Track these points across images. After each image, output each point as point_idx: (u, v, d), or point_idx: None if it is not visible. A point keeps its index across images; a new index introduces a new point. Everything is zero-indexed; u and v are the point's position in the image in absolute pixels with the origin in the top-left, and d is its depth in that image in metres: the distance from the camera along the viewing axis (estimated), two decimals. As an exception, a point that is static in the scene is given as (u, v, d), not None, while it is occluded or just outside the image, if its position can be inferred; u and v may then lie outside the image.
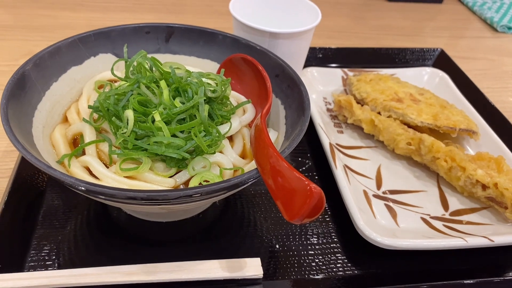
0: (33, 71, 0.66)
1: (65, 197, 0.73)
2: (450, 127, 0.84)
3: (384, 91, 0.92)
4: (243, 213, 0.75)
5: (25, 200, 0.71)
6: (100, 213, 0.72)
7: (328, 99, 1.01)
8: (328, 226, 0.74)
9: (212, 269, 0.62)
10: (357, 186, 0.79)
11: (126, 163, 0.60)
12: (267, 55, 0.76)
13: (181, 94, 0.63)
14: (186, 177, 0.61)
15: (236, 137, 0.69)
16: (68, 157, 0.61)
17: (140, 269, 0.61)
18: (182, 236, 0.71)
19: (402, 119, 0.87)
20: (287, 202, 0.49)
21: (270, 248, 0.70)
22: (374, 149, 0.89)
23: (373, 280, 0.67)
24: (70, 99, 0.73)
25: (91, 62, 0.76)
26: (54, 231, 0.68)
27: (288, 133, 0.67)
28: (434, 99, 0.94)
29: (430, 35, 1.45)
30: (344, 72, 1.06)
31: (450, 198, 0.80)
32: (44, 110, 0.67)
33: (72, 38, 0.73)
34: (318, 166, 0.86)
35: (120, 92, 0.64)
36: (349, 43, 1.29)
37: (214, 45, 0.81)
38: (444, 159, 0.78)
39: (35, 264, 0.63)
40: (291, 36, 0.84)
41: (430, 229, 0.73)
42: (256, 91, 0.75)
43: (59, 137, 0.65)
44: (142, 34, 0.79)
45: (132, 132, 0.59)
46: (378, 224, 0.72)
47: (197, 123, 0.60)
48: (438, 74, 1.08)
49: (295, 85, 0.71)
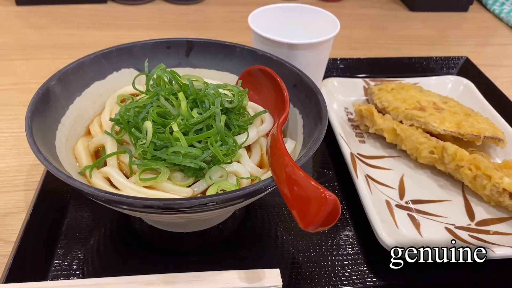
0: (57, 86, 0.69)
1: (88, 209, 0.74)
2: (475, 134, 0.82)
3: (406, 100, 0.91)
4: (263, 224, 0.75)
5: (50, 211, 0.73)
6: (122, 224, 0.73)
7: (350, 109, 1.00)
8: (350, 237, 0.73)
9: (230, 279, 0.62)
10: (379, 196, 0.78)
11: (146, 173, 0.61)
12: (284, 66, 0.76)
13: (198, 105, 0.64)
14: (204, 187, 0.61)
15: (254, 147, 0.70)
16: (89, 168, 0.62)
17: (159, 279, 0.61)
18: (202, 247, 0.71)
19: (424, 127, 0.85)
20: (302, 210, 0.49)
21: (290, 259, 0.70)
22: (397, 158, 0.88)
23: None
24: (93, 113, 0.75)
25: (113, 77, 0.78)
26: (77, 242, 0.69)
27: (306, 142, 0.67)
28: (458, 107, 0.92)
29: (454, 43, 1.42)
30: (366, 82, 1.05)
31: (476, 207, 0.78)
32: (68, 124, 0.69)
33: (95, 54, 0.76)
34: (340, 177, 0.85)
35: (140, 104, 0.65)
36: (371, 53, 1.28)
37: (233, 58, 0.82)
38: (468, 167, 0.76)
39: (58, 274, 0.64)
40: (309, 47, 0.84)
41: (455, 240, 0.71)
42: (274, 101, 0.75)
43: (81, 149, 0.66)
44: (163, 49, 0.81)
45: (151, 143, 0.60)
46: (400, 234, 0.71)
47: (213, 132, 0.60)
48: (462, 82, 1.06)
49: (313, 95, 0.70)
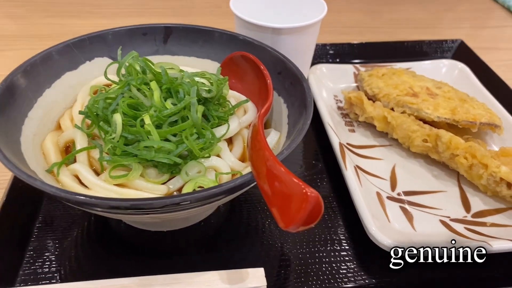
0: (23, 78, 0.64)
1: (63, 208, 0.70)
2: (470, 121, 0.78)
3: (397, 86, 0.87)
4: (248, 220, 0.71)
5: (20, 211, 0.69)
6: (98, 224, 0.69)
7: (339, 97, 0.96)
8: (339, 233, 0.69)
9: (211, 281, 0.58)
10: (369, 188, 0.74)
11: (117, 170, 0.57)
12: (268, 51, 0.72)
13: (173, 95, 0.60)
14: (180, 183, 0.57)
15: (236, 139, 0.65)
16: (57, 165, 0.58)
17: (134, 282, 0.57)
18: (183, 246, 0.67)
19: (417, 114, 0.81)
20: (282, 208, 0.45)
21: (275, 257, 0.66)
22: (388, 147, 0.84)
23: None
24: (64, 106, 0.70)
25: (86, 67, 0.73)
26: (49, 243, 0.65)
27: (290, 133, 0.63)
28: (452, 92, 0.88)
29: (449, 26, 1.38)
30: (356, 68, 1.01)
31: (472, 198, 0.74)
32: (36, 118, 0.64)
33: (66, 43, 0.71)
34: (330, 169, 0.81)
35: (110, 96, 0.61)
36: (362, 38, 1.23)
37: (213, 44, 0.77)
38: (464, 156, 0.72)
39: (27, 278, 0.60)
40: (295, 31, 0.80)
41: (450, 233, 0.67)
42: (258, 90, 0.71)
43: (50, 145, 0.62)
44: (139, 36, 0.77)
45: (122, 137, 0.56)
46: (392, 228, 0.67)
47: (188, 125, 0.56)
48: (457, 66, 1.02)
49: (298, 82, 0.66)
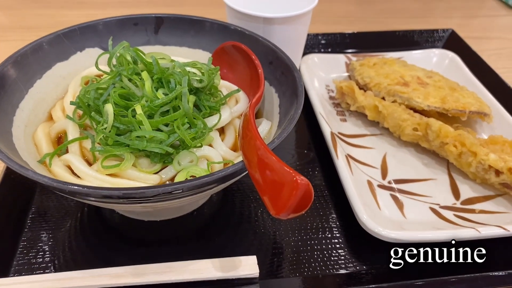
0: (14, 69, 0.64)
1: (56, 198, 0.70)
2: (459, 110, 0.79)
3: (388, 75, 0.87)
4: (241, 208, 0.72)
5: (13, 201, 0.69)
6: (91, 214, 0.70)
7: (331, 86, 0.96)
8: (331, 220, 0.70)
9: (204, 269, 0.59)
10: (360, 176, 0.75)
11: (109, 160, 0.57)
12: (259, 41, 0.72)
13: (164, 85, 0.60)
14: (172, 173, 0.58)
15: (228, 129, 0.66)
16: (49, 156, 0.58)
17: (128, 271, 0.58)
18: (176, 235, 0.68)
19: (407, 103, 0.82)
20: (273, 196, 0.45)
21: (267, 245, 0.66)
22: (379, 136, 0.84)
23: (378, 277, 0.62)
24: (55, 97, 0.70)
25: (77, 57, 0.73)
26: (43, 233, 0.65)
27: (281, 122, 0.63)
28: (443, 81, 0.88)
29: (440, 16, 1.38)
30: (348, 57, 1.01)
31: (462, 185, 0.75)
32: (27, 109, 0.64)
33: (56, 33, 0.71)
34: (321, 158, 0.81)
35: (102, 86, 0.61)
36: (353, 28, 1.23)
37: (205, 34, 0.77)
38: (453, 144, 0.73)
39: (21, 268, 0.60)
40: (286, 21, 0.80)
41: (440, 220, 0.68)
42: (249, 79, 0.71)
43: (41, 136, 0.62)
44: (130, 26, 0.77)
45: (113, 127, 0.56)
46: (383, 216, 0.68)
47: (180, 115, 0.56)
48: (447, 55, 1.02)
49: (289, 72, 0.66)
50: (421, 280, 0.61)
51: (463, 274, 0.62)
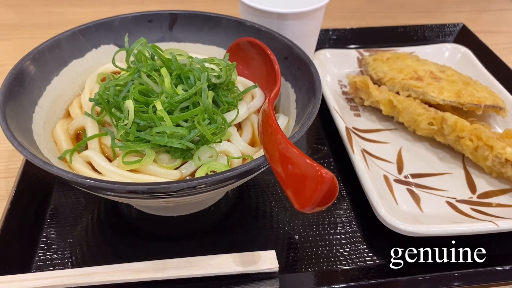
0: (32, 66, 0.64)
1: (73, 195, 0.71)
2: (475, 104, 0.79)
3: (402, 70, 0.87)
4: (257, 204, 0.72)
5: (32, 199, 0.69)
6: (109, 209, 0.70)
7: (343, 81, 0.96)
8: (347, 215, 0.70)
9: (224, 263, 0.59)
10: (376, 171, 0.75)
11: (129, 156, 0.57)
12: (274, 37, 0.72)
13: (183, 81, 0.60)
14: (192, 168, 0.58)
15: (245, 124, 0.66)
16: (69, 152, 0.58)
17: (149, 266, 0.58)
18: (194, 230, 0.68)
19: (422, 98, 0.81)
20: (297, 190, 0.46)
21: (286, 240, 0.67)
22: (394, 131, 0.84)
23: (396, 270, 0.63)
24: (72, 94, 0.70)
25: (93, 54, 0.74)
26: (62, 230, 0.66)
27: (299, 117, 0.63)
28: (456, 76, 0.88)
29: (449, 10, 1.37)
30: (359, 52, 1.01)
31: (478, 179, 0.75)
32: (45, 106, 0.65)
33: (72, 30, 0.71)
34: (335, 153, 0.82)
35: (121, 82, 0.61)
36: (363, 23, 1.23)
37: (219, 30, 0.77)
38: (469, 138, 0.73)
39: (43, 264, 0.61)
40: (300, 16, 0.80)
41: (457, 214, 0.69)
42: (265, 75, 0.71)
43: (60, 133, 0.62)
44: (145, 23, 0.77)
45: (134, 123, 0.56)
46: (400, 210, 0.68)
47: (200, 110, 0.56)
48: (459, 50, 1.02)
49: (305, 67, 0.67)
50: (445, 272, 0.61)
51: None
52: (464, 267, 0.63)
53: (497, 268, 0.62)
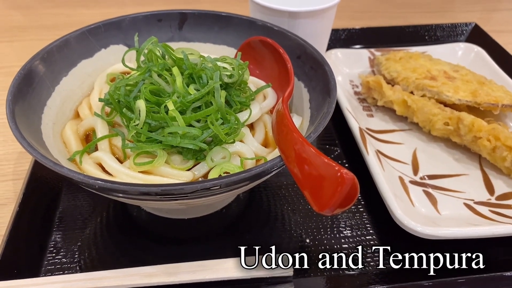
0: (41, 66, 0.63)
1: (82, 197, 0.70)
2: (492, 103, 0.77)
3: (415, 69, 0.85)
4: (269, 206, 0.70)
5: (40, 201, 0.68)
6: (119, 212, 0.69)
7: (355, 81, 0.95)
8: (362, 217, 0.69)
9: (237, 267, 0.58)
10: (392, 172, 0.73)
11: (141, 157, 0.56)
12: (286, 36, 0.70)
13: (195, 80, 0.59)
14: (205, 170, 0.56)
15: (257, 125, 0.64)
16: (79, 153, 0.57)
17: (160, 270, 0.57)
18: (205, 233, 0.67)
19: (437, 97, 0.80)
20: (315, 191, 0.44)
21: (300, 243, 0.65)
22: (408, 132, 0.83)
23: (414, 273, 0.61)
24: (81, 94, 0.69)
25: (102, 54, 0.72)
26: (71, 233, 0.64)
27: (313, 117, 0.62)
28: (470, 75, 0.87)
29: (461, 10, 1.36)
30: (371, 52, 1.00)
31: (495, 181, 0.73)
32: (54, 106, 0.64)
33: (81, 30, 0.70)
34: (348, 154, 0.80)
35: (131, 82, 0.60)
36: (374, 23, 1.22)
37: (230, 30, 0.76)
38: (487, 138, 0.71)
39: (52, 268, 0.60)
40: (311, 15, 0.78)
41: (475, 216, 0.67)
42: (277, 75, 0.70)
43: (70, 134, 0.61)
44: (154, 23, 0.76)
45: (145, 123, 0.55)
46: (417, 212, 0.66)
47: (213, 110, 0.55)
48: (473, 49, 1.00)
49: (319, 66, 0.65)
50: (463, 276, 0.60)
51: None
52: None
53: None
